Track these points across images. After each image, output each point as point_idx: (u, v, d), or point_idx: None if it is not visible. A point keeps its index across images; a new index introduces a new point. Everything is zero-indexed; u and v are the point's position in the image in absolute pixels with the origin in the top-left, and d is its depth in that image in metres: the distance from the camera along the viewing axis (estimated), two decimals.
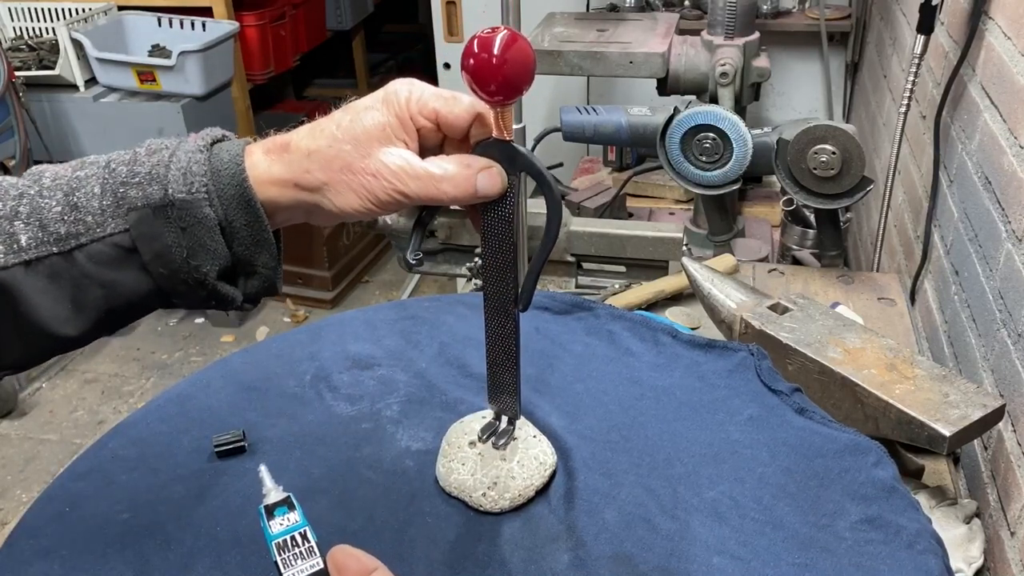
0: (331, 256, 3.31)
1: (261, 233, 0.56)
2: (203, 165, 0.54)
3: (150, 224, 0.54)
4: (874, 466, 0.71)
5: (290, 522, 0.62)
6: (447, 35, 2.85)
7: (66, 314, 0.55)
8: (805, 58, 2.49)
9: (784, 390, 0.80)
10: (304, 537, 0.61)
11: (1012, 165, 1.00)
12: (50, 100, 2.77)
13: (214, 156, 0.55)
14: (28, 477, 2.56)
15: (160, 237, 0.54)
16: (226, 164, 0.55)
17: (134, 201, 0.54)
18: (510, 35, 0.53)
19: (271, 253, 0.57)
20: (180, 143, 0.56)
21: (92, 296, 0.55)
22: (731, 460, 0.72)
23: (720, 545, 0.64)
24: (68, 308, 0.55)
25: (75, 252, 0.54)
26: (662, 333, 0.90)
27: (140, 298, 0.56)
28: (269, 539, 0.62)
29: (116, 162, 0.55)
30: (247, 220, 0.55)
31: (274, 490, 0.65)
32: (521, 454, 0.69)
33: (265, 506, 0.64)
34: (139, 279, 0.55)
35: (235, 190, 0.55)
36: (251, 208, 0.55)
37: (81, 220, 0.54)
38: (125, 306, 0.56)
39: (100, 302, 0.55)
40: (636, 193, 2.02)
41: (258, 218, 0.55)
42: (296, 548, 0.60)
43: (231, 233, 0.55)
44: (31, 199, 0.54)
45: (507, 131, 0.57)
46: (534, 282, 0.61)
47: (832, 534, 0.65)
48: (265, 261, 0.57)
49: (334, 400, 0.83)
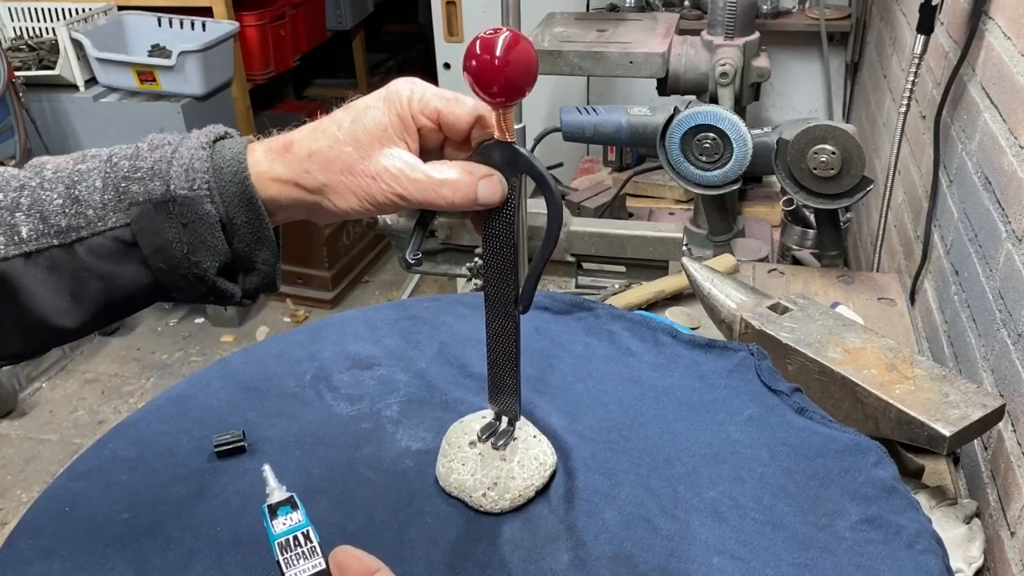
0: (331, 256, 3.31)
1: (262, 231, 0.56)
2: (205, 162, 0.54)
3: (151, 219, 0.54)
4: (874, 466, 0.71)
5: (293, 522, 0.62)
6: (447, 35, 2.85)
7: (65, 306, 0.55)
8: (805, 58, 2.49)
9: (784, 390, 0.80)
10: (307, 537, 0.61)
11: (1012, 165, 1.00)
12: (50, 100, 2.77)
13: (216, 153, 0.55)
14: (28, 477, 2.56)
15: (161, 232, 0.54)
16: (228, 161, 0.55)
17: (136, 196, 0.54)
18: (513, 36, 0.53)
19: (271, 250, 0.57)
20: (183, 139, 0.56)
21: (91, 288, 0.55)
22: (731, 460, 0.72)
23: (720, 545, 0.64)
24: (67, 300, 0.55)
25: (75, 245, 0.54)
26: (662, 333, 0.90)
27: (139, 291, 0.56)
28: (272, 538, 0.62)
29: (118, 156, 0.56)
30: (248, 217, 0.55)
31: (277, 489, 0.65)
32: (521, 454, 0.69)
33: (268, 505, 0.64)
34: (138, 273, 0.55)
35: (237, 187, 0.55)
36: (252, 206, 0.55)
37: (82, 213, 0.54)
38: (124, 299, 0.57)
39: (99, 294, 0.56)
40: (636, 193, 2.02)
41: (259, 216, 0.56)
42: (299, 548, 0.60)
43: (232, 230, 0.56)
44: (32, 191, 0.55)
45: (509, 132, 0.57)
46: (535, 284, 0.61)
47: (832, 534, 0.65)
48: (265, 258, 0.58)
49: (334, 400, 0.83)
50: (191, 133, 0.57)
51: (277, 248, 0.58)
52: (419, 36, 4.59)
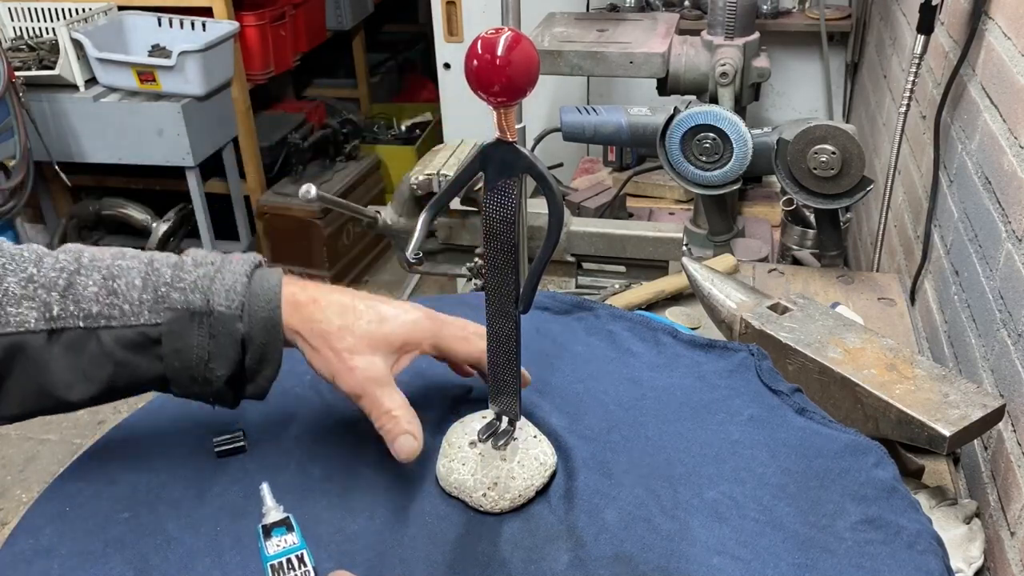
0: (331, 256, 3.31)
1: (274, 353, 0.64)
2: (245, 287, 0.62)
3: (183, 325, 0.61)
4: (874, 466, 0.71)
5: (287, 544, 0.62)
6: (447, 35, 2.85)
7: (75, 382, 0.61)
8: (805, 58, 2.49)
9: (784, 390, 0.80)
10: (300, 560, 0.61)
11: (1012, 165, 1.00)
12: (50, 100, 2.76)
13: (254, 281, 0.63)
14: (28, 477, 2.56)
15: (187, 338, 0.61)
16: (264, 291, 0.63)
17: (175, 303, 0.61)
18: (514, 36, 0.53)
19: (274, 368, 0.64)
20: (224, 261, 0.64)
21: (104, 371, 0.61)
22: (731, 460, 0.72)
23: (720, 545, 0.64)
24: (79, 377, 0.61)
25: (101, 331, 0.60)
26: (662, 333, 0.90)
27: (146, 381, 0.63)
28: (265, 560, 0.61)
29: (160, 262, 0.63)
30: (265, 340, 0.63)
31: (274, 509, 0.65)
32: (521, 454, 0.69)
33: (263, 526, 0.64)
34: (152, 366, 0.62)
35: (267, 314, 0.62)
36: (274, 331, 0.63)
37: (117, 305, 0.60)
38: (129, 385, 0.63)
39: (109, 378, 0.61)
40: (636, 193, 2.02)
41: (277, 340, 0.63)
42: (292, 572, 0.60)
43: (248, 348, 0.63)
44: (70, 275, 0.61)
45: (510, 132, 0.57)
46: (535, 285, 0.61)
47: (832, 534, 0.65)
48: (267, 375, 0.65)
49: (333, 399, 0.82)
50: (231, 256, 0.65)
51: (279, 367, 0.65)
52: (419, 36, 4.59)
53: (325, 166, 3.45)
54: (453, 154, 1.46)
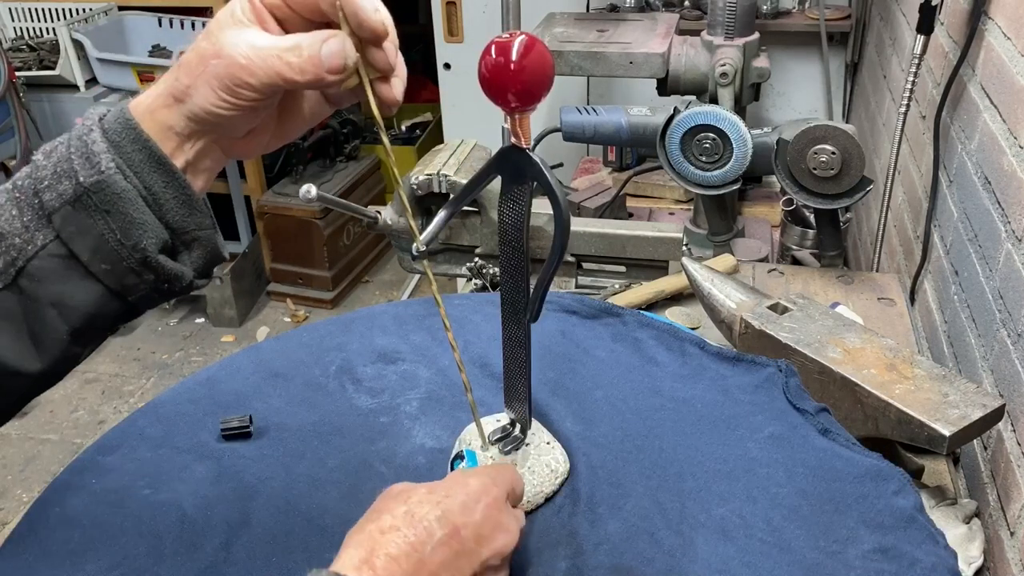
0: (331, 256, 3.31)
1: (183, 191, 0.55)
2: (101, 143, 0.53)
3: (75, 220, 0.53)
4: (895, 494, 0.68)
5: None
6: (447, 35, 2.85)
7: (26, 349, 0.55)
8: (805, 58, 2.49)
9: (810, 409, 0.78)
10: None
11: (1012, 165, 1.00)
12: (50, 100, 2.77)
13: (106, 128, 0.54)
14: (28, 477, 2.56)
15: (89, 229, 0.53)
16: (113, 124, 0.54)
17: (51, 204, 0.53)
18: (528, 40, 0.51)
19: (203, 212, 0.56)
20: (70, 134, 0.55)
21: (47, 322, 0.54)
22: (745, 478, 0.71)
23: (722, 564, 0.62)
24: (27, 342, 0.55)
25: (18, 280, 0.53)
26: (690, 343, 0.88)
27: (96, 308, 0.55)
28: None
29: (19, 178, 0.55)
30: (165, 180, 0.54)
31: None
32: (532, 460, 0.69)
33: None
34: (87, 287, 0.54)
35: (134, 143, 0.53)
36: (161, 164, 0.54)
37: (11, 245, 0.53)
38: (84, 322, 0.56)
39: (57, 325, 0.55)
40: (636, 193, 2.02)
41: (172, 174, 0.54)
42: None
43: (157, 204, 0.54)
44: None
45: (525, 137, 0.56)
46: (542, 294, 0.60)
47: (841, 562, 0.62)
48: (200, 222, 0.56)
49: (356, 392, 0.84)
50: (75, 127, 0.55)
51: (208, 210, 0.57)
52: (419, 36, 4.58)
53: (325, 166, 3.45)
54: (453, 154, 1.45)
